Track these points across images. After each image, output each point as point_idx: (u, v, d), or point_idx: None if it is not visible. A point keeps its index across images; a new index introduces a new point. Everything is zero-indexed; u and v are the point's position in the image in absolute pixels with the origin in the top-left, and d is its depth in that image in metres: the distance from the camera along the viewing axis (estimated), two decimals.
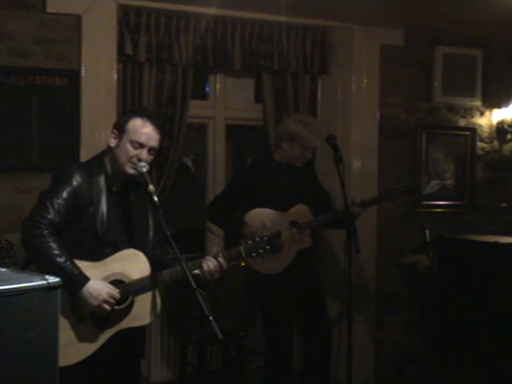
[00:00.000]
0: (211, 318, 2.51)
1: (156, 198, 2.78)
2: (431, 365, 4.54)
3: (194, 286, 2.62)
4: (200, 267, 2.89)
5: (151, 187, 2.80)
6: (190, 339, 4.07)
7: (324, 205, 4.11)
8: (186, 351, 4.20)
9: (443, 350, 4.48)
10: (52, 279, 1.96)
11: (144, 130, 2.85)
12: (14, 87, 3.85)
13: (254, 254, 3.03)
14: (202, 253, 3.87)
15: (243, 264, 3.97)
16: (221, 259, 2.93)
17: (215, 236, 4.43)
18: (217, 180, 4.72)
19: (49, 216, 2.71)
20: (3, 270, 2.15)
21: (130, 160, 2.84)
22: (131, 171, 2.85)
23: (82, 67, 3.98)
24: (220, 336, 2.48)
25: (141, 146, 2.85)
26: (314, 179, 4.20)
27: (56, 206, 2.73)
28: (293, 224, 3.85)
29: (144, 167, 2.84)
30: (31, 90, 3.89)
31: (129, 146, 2.84)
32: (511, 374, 4.09)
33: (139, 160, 2.84)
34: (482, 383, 4.22)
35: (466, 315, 4.33)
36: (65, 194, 2.76)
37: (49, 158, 3.94)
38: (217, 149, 4.70)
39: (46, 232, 2.68)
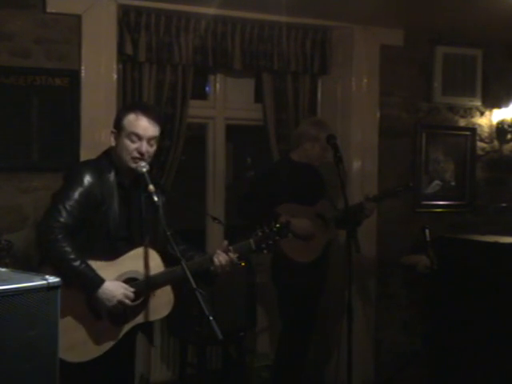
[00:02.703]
0: (211, 318, 2.52)
1: (156, 198, 2.80)
2: (431, 365, 4.54)
3: (194, 285, 2.63)
4: (211, 261, 2.95)
5: (151, 187, 2.82)
6: (190, 339, 4.07)
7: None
8: (186, 351, 4.21)
9: (443, 350, 4.48)
10: (52, 279, 1.96)
11: (139, 123, 2.86)
12: (14, 87, 3.84)
13: (263, 246, 3.02)
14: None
15: (243, 264, 4.01)
16: (231, 254, 2.97)
17: (216, 225, 4.39)
18: (217, 180, 4.71)
19: (62, 219, 2.74)
20: (3, 269, 2.15)
21: (131, 155, 2.86)
22: (133, 165, 2.86)
23: (82, 67, 3.98)
24: (220, 336, 2.49)
25: (139, 138, 2.86)
26: (322, 179, 4.31)
27: (69, 209, 2.76)
28: (319, 216, 4.03)
29: (144, 167, 2.87)
30: (31, 90, 3.88)
31: (127, 141, 2.86)
32: (511, 374, 4.09)
33: (140, 153, 2.85)
34: (482, 383, 4.23)
35: (466, 315, 4.33)
36: (77, 196, 2.79)
37: (49, 157, 3.94)
38: (217, 149, 4.70)
39: (60, 237, 2.72)
